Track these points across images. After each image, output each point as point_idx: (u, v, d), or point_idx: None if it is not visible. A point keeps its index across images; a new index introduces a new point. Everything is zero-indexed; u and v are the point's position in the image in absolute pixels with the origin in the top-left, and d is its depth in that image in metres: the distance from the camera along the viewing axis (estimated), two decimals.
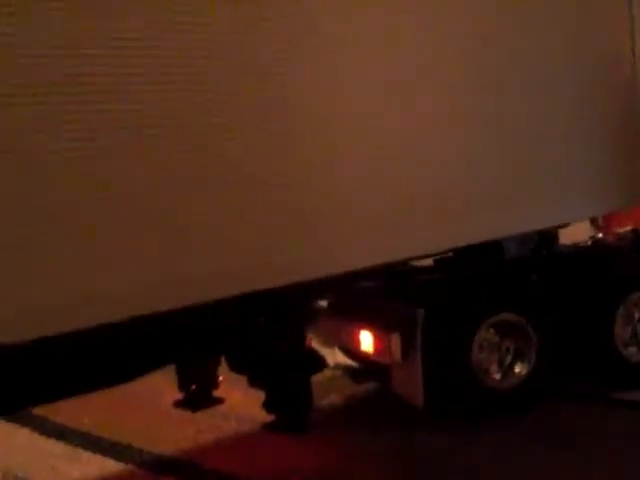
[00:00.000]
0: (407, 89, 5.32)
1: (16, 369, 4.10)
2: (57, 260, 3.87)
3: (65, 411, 6.28)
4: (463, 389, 5.86)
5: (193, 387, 5.48)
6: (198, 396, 5.52)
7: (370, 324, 5.89)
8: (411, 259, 6.03)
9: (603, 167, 6.47)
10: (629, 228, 7.25)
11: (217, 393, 5.57)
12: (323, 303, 6.45)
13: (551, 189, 6.17)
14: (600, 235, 7.57)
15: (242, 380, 5.65)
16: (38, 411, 6.24)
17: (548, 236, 6.90)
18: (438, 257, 6.33)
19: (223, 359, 5.52)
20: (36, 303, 3.80)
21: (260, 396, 5.64)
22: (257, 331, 5.16)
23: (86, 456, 5.91)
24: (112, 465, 5.74)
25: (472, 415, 5.89)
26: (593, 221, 7.76)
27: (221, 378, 5.55)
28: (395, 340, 5.69)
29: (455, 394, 5.88)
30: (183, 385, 5.50)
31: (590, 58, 6.36)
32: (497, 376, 6.04)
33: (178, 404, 5.64)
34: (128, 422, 6.45)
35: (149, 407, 6.67)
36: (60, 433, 6.30)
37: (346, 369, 7.12)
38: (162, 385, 5.99)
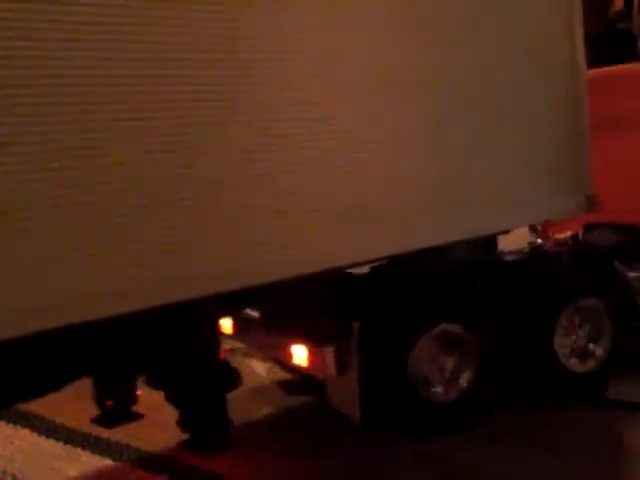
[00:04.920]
0: (353, 88, 5.10)
1: None
2: None
3: (65, 411, 6.33)
4: (402, 403, 5.62)
5: (109, 402, 5.17)
6: (115, 412, 5.22)
7: (303, 337, 5.61)
8: (346, 267, 5.76)
9: (546, 175, 6.29)
10: (569, 234, 7.10)
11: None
12: (255, 314, 6.19)
13: (493, 196, 5.97)
14: (539, 241, 7.40)
15: None
16: (38, 411, 6.31)
17: (489, 243, 6.69)
18: (375, 265, 6.09)
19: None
20: None
21: None
22: (168, 345, 4.90)
23: (85, 456, 5.87)
24: (111, 465, 5.71)
25: (413, 431, 5.66)
26: (532, 227, 7.60)
27: (139, 393, 5.27)
28: (329, 354, 5.42)
29: (394, 409, 5.63)
30: (99, 400, 5.19)
31: (532, 66, 6.17)
32: (438, 389, 5.80)
33: (95, 420, 5.34)
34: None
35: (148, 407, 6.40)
36: (60, 433, 6.25)
37: (281, 382, 6.85)
38: None
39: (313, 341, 5.54)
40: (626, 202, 6.94)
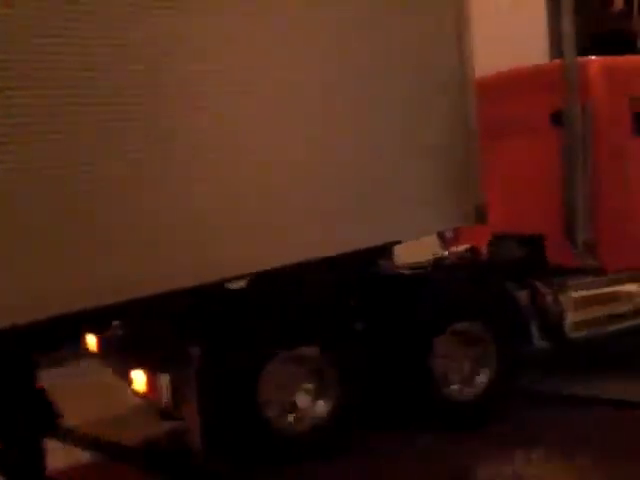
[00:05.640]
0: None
1: None
2: None
3: (65, 411, 5.80)
4: (249, 434, 5.17)
5: None
6: None
7: (143, 362, 5.19)
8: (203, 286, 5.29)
9: (433, 187, 5.91)
10: (466, 247, 6.56)
11: None
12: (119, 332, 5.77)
13: (377, 208, 5.62)
14: (445, 253, 6.86)
15: None
16: None
17: (374, 256, 6.15)
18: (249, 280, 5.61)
19: None
20: None
21: None
22: None
23: (85, 456, 5.85)
24: (111, 465, 5.74)
25: (263, 463, 5.20)
26: (440, 236, 7.09)
27: None
28: (164, 382, 5.03)
29: (240, 440, 5.19)
30: None
31: (420, 77, 5.84)
32: (290, 418, 5.36)
33: None
34: (126, 422, 6.36)
35: (147, 408, 6.27)
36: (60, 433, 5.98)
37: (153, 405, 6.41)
38: None
39: (150, 366, 5.13)
40: (530, 211, 6.44)
